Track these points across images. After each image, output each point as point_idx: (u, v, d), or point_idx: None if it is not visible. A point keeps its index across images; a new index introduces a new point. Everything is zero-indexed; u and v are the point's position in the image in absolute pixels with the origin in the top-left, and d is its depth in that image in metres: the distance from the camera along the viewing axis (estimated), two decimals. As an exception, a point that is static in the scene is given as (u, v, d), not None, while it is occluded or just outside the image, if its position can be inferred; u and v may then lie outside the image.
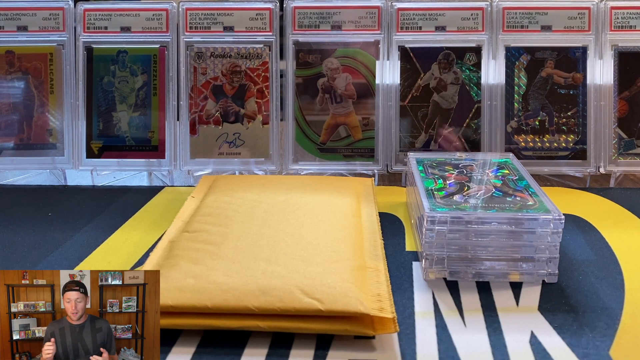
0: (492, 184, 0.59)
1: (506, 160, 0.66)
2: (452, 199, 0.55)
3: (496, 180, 0.60)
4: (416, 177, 0.61)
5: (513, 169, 0.63)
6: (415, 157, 0.68)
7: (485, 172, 0.62)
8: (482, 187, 0.58)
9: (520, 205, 0.54)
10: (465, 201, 0.55)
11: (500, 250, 0.53)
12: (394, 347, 0.44)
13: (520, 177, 0.61)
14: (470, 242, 0.52)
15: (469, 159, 0.67)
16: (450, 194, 0.56)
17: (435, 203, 0.54)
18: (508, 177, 0.61)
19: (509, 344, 0.45)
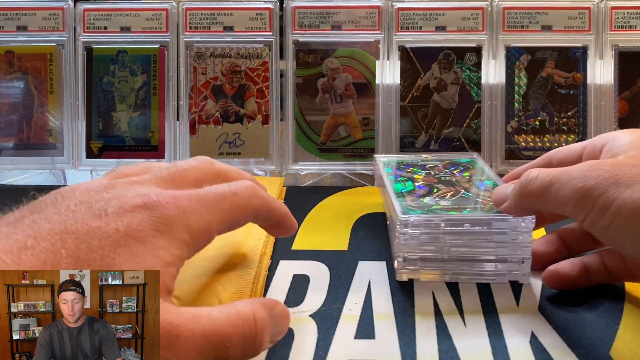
0: (461, 185, 0.58)
1: (471, 161, 0.66)
2: (423, 201, 0.55)
3: (464, 181, 0.60)
4: (385, 180, 0.61)
5: (479, 169, 0.63)
6: (382, 159, 0.67)
7: (452, 173, 0.62)
8: (452, 188, 0.58)
9: (490, 205, 0.53)
10: (436, 203, 0.54)
11: (473, 251, 0.52)
12: (394, 347, 0.44)
13: (487, 177, 0.60)
14: (443, 243, 0.52)
15: (435, 159, 0.67)
16: (421, 195, 0.56)
17: (407, 206, 0.54)
18: (475, 178, 0.60)
19: (509, 344, 0.45)
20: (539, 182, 0.46)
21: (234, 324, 0.36)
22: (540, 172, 0.46)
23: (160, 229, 0.36)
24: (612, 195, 0.41)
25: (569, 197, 0.43)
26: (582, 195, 0.42)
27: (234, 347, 0.36)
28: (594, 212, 0.42)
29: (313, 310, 0.49)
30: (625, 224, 0.41)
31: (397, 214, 0.52)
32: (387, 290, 0.52)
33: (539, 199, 0.46)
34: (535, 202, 0.47)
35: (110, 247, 0.34)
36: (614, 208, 0.41)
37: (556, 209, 0.45)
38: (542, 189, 0.45)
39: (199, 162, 0.45)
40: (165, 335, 0.33)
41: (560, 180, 0.44)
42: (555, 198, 0.44)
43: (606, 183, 0.42)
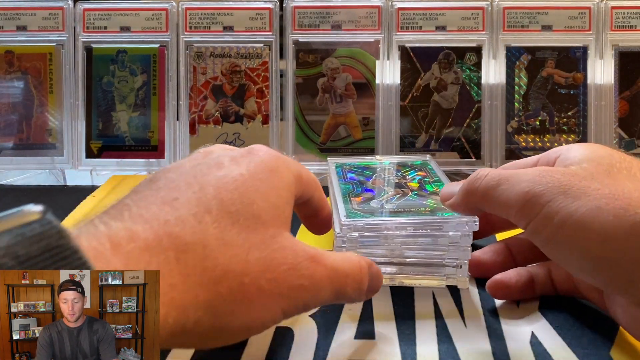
0: (409, 188, 0.58)
1: (424, 162, 0.65)
2: (369, 205, 0.54)
3: (413, 183, 0.59)
4: (333, 182, 0.60)
5: (430, 170, 0.62)
6: (334, 161, 0.66)
7: (402, 176, 0.61)
8: (400, 191, 0.57)
9: (435, 207, 0.53)
10: (381, 207, 0.54)
11: (413, 255, 0.52)
12: (394, 348, 0.44)
13: (437, 179, 0.60)
14: (384, 247, 0.52)
15: (388, 162, 0.66)
16: (368, 199, 0.55)
17: (352, 209, 0.53)
18: (424, 180, 0.60)
19: (509, 344, 0.45)
20: (486, 181, 0.44)
21: (350, 267, 0.40)
22: (490, 171, 0.45)
23: (273, 169, 0.40)
24: (557, 206, 0.40)
25: (514, 200, 0.42)
26: (528, 200, 0.41)
27: (349, 288, 0.40)
28: (538, 220, 0.41)
29: (313, 310, 0.49)
30: (568, 237, 0.40)
31: (340, 217, 0.51)
32: (387, 290, 0.52)
33: (484, 198, 0.45)
34: (480, 201, 0.45)
35: (244, 189, 0.38)
36: (558, 219, 0.40)
37: (500, 211, 0.44)
38: (489, 188, 0.44)
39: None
40: (306, 264, 0.37)
41: (508, 182, 0.43)
42: (501, 199, 0.43)
43: (554, 191, 0.40)
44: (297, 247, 0.38)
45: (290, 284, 0.37)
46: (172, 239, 0.33)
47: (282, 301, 0.37)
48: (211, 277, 0.34)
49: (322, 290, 0.39)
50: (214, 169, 0.38)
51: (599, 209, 0.39)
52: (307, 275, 0.37)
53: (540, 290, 0.49)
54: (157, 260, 0.32)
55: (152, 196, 0.36)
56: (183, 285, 0.33)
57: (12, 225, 0.29)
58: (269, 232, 0.37)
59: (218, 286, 0.34)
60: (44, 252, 0.29)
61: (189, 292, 0.33)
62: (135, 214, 0.34)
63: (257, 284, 0.35)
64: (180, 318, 0.33)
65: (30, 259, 0.28)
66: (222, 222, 0.35)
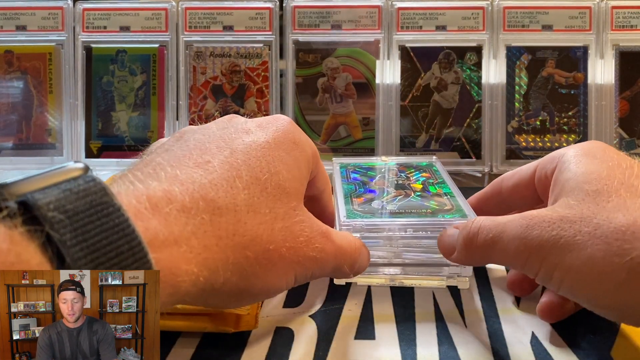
0: (412, 189, 0.57)
1: (429, 164, 0.65)
2: (370, 206, 0.54)
3: (416, 184, 0.59)
4: (336, 182, 0.60)
5: (435, 172, 0.62)
6: (339, 161, 0.66)
7: (406, 177, 0.61)
8: (402, 192, 0.57)
9: (436, 209, 0.52)
10: (382, 207, 0.54)
11: (415, 256, 0.52)
12: (394, 348, 0.44)
13: (441, 181, 0.59)
14: (385, 248, 0.51)
15: (393, 163, 0.66)
16: (369, 199, 0.55)
17: (353, 210, 0.53)
18: (428, 181, 0.59)
19: (509, 344, 0.45)
20: (482, 238, 0.43)
21: (349, 246, 0.44)
22: (481, 225, 0.43)
23: (296, 141, 0.42)
24: (553, 262, 0.39)
25: (514, 257, 0.41)
26: (527, 259, 0.41)
27: (346, 265, 0.44)
28: (541, 274, 0.40)
29: (313, 310, 0.49)
30: (571, 290, 0.40)
31: (340, 217, 0.51)
32: (387, 290, 0.52)
33: (486, 254, 0.44)
34: (482, 257, 0.45)
35: (271, 158, 0.40)
36: (557, 276, 0.39)
37: (506, 264, 0.46)
38: (487, 246, 0.43)
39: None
40: (319, 238, 0.41)
41: (502, 239, 0.42)
42: (502, 255, 0.42)
43: (547, 245, 0.40)
44: (312, 221, 0.41)
45: (304, 254, 0.40)
46: (207, 202, 0.35)
47: (297, 268, 0.39)
48: (241, 241, 0.36)
49: (327, 264, 0.42)
50: (241, 134, 0.41)
51: (593, 260, 0.38)
52: (319, 249, 0.40)
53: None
54: (193, 222, 0.34)
55: (185, 157, 0.38)
56: (216, 247, 0.35)
57: (58, 180, 0.30)
58: (291, 203, 0.40)
59: (246, 250, 0.36)
60: (89, 208, 0.30)
61: (221, 253, 0.35)
62: (171, 175, 0.36)
63: (279, 251, 0.38)
64: (211, 277, 0.35)
65: (77, 214, 0.29)
66: (251, 188, 0.38)
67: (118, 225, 0.30)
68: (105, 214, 0.30)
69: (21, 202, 0.28)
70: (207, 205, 0.35)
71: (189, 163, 0.37)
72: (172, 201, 0.34)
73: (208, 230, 0.35)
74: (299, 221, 0.40)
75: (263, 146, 0.40)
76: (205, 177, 0.36)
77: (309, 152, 0.44)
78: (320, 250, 0.41)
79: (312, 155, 0.44)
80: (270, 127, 0.42)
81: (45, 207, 0.28)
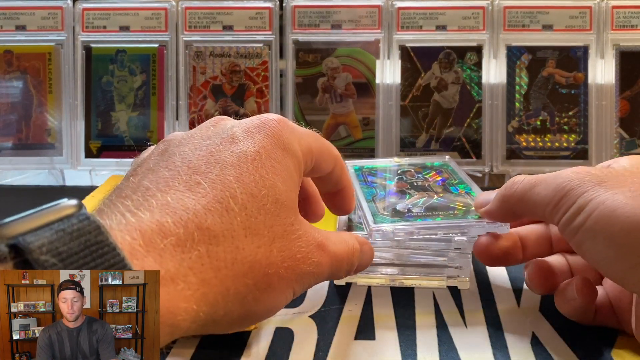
0: (433, 190, 0.57)
1: (444, 164, 0.64)
2: (396, 209, 0.53)
3: (436, 185, 0.58)
4: (355, 186, 0.59)
5: (452, 172, 0.61)
6: (352, 164, 0.65)
7: (425, 178, 0.60)
8: (424, 193, 0.56)
9: (464, 210, 0.52)
10: (408, 210, 0.53)
11: (417, 257, 0.52)
12: (394, 348, 0.44)
13: (460, 180, 0.59)
14: (393, 250, 0.52)
15: (407, 163, 0.65)
16: (393, 203, 0.55)
17: (380, 214, 0.52)
18: (448, 182, 0.59)
19: (510, 345, 0.45)
20: (523, 184, 0.45)
21: (346, 251, 0.43)
22: (526, 176, 0.45)
23: (286, 147, 0.40)
24: (591, 195, 0.40)
25: (551, 197, 0.42)
26: (564, 195, 0.41)
27: (342, 271, 0.43)
28: (571, 211, 0.41)
29: (313, 310, 0.49)
30: (595, 224, 0.40)
31: (369, 223, 0.51)
32: (387, 290, 0.52)
33: (521, 200, 0.45)
34: (517, 204, 0.45)
35: (264, 171, 0.37)
36: (589, 207, 0.40)
37: (536, 209, 0.44)
38: (526, 190, 0.44)
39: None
40: (315, 252, 0.39)
41: (545, 181, 0.43)
42: (538, 197, 0.43)
43: (590, 184, 0.41)
44: (308, 234, 0.39)
45: (302, 271, 0.38)
46: (202, 231, 0.34)
47: (295, 285, 0.39)
48: (240, 270, 0.35)
49: (323, 275, 0.41)
50: (228, 144, 0.38)
51: (630, 200, 0.39)
52: (316, 263, 0.39)
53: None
54: (189, 256, 0.33)
55: (173, 178, 0.36)
56: (215, 280, 0.33)
57: (51, 220, 0.29)
58: (289, 218, 0.38)
59: (246, 278, 0.35)
60: (84, 249, 0.29)
61: (220, 285, 0.34)
62: (162, 203, 0.34)
63: (278, 273, 0.37)
64: (212, 311, 0.33)
65: (70, 256, 0.28)
66: (248, 208, 0.36)
67: (114, 266, 0.29)
68: (100, 255, 0.29)
69: (12, 245, 0.28)
70: (203, 235, 0.34)
71: (179, 187, 0.35)
72: (166, 235, 0.32)
73: (205, 263, 0.33)
74: (296, 237, 0.38)
75: (254, 157, 0.38)
76: (198, 202, 0.34)
77: (299, 155, 0.41)
78: (317, 265, 0.40)
79: (303, 155, 0.42)
80: (258, 133, 0.39)
81: (37, 250, 0.28)
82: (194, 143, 0.39)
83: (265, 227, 0.36)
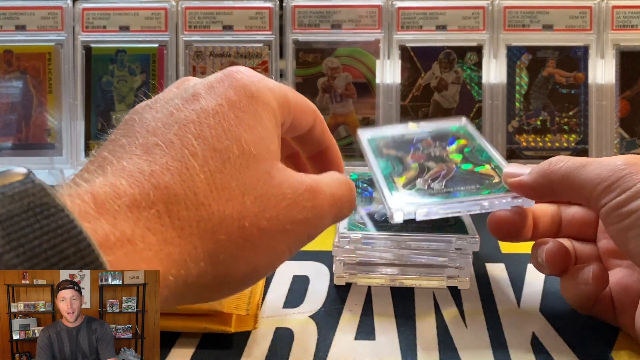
0: (453, 161, 0.55)
1: (460, 127, 0.61)
2: (415, 187, 0.51)
3: (455, 155, 0.56)
4: (370, 159, 0.56)
5: (469, 137, 0.59)
6: (365, 134, 0.62)
7: (442, 146, 0.58)
8: (443, 166, 0.54)
9: (486, 184, 0.50)
10: (428, 187, 0.51)
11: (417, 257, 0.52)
12: (394, 348, 0.44)
13: (479, 147, 0.57)
14: (393, 250, 0.51)
15: (422, 130, 0.62)
16: (411, 178, 0.52)
17: (398, 192, 0.50)
18: (466, 150, 0.56)
19: (510, 345, 0.45)
20: (571, 162, 0.43)
21: (344, 188, 0.40)
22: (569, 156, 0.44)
23: (253, 95, 0.37)
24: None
25: (605, 177, 0.41)
26: (622, 176, 0.40)
27: (345, 209, 0.40)
28: (628, 194, 0.40)
29: (313, 310, 0.49)
30: None
31: (389, 203, 0.49)
32: (387, 290, 0.52)
33: (565, 178, 0.43)
34: (559, 181, 0.44)
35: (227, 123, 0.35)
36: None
37: (581, 190, 0.42)
38: (573, 168, 0.43)
39: None
40: (306, 195, 0.36)
41: (600, 162, 0.42)
42: (587, 177, 0.42)
43: None
44: (293, 179, 0.36)
45: (292, 219, 0.35)
46: (160, 191, 0.32)
47: (286, 237, 0.36)
48: (207, 226, 0.32)
49: (324, 219, 0.38)
50: (189, 102, 0.36)
51: None
52: (310, 207, 0.36)
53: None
54: (146, 215, 0.31)
55: (131, 144, 0.34)
56: (179, 239, 0.31)
57: None
58: (261, 167, 0.35)
59: (216, 234, 0.33)
60: (26, 210, 0.28)
61: (186, 244, 0.32)
62: (117, 168, 0.32)
63: (257, 225, 0.34)
64: (181, 273, 0.31)
65: (11, 217, 0.27)
66: (210, 163, 0.33)
67: (61, 227, 0.27)
68: (45, 216, 0.28)
69: None
70: (161, 194, 0.31)
71: (136, 151, 0.33)
72: (120, 196, 0.31)
73: (166, 223, 0.31)
74: (276, 185, 0.35)
75: (216, 111, 0.35)
76: (155, 163, 0.32)
77: (272, 103, 0.38)
78: (311, 209, 0.36)
79: (279, 103, 0.39)
80: (221, 85, 0.37)
81: None
82: (155, 107, 0.37)
83: (232, 179, 0.34)
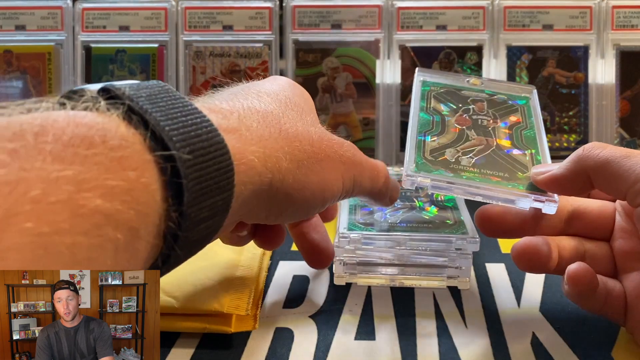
0: (496, 138, 0.50)
1: (523, 101, 0.56)
2: (443, 154, 0.48)
3: (501, 129, 0.52)
4: (413, 107, 0.53)
5: (527, 115, 0.54)
6: (424, 76, 0.57)
7: (494, 116, 0.53)
8: (483, 139, 0.50)
9: (514, 176, 0.47)
10: (456, 160, 0.48)
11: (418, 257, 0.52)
12: (394, 348, 0.44)
13: (531, 127, 0.52)
14: (393, 250, 0.51)
15: (486, 89, 0.57)
16: (442, 146, 0.49)
17: (422, 159, 0.47)
18: (516, 129, 0.51)
19: (510, 344, 0.45)
20: (610, 150, 0.42)
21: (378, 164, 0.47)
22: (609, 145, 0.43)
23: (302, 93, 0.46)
24: None
25: None
26: None
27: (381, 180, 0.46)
28: None
29: (313, 310, 0.49)
30: None
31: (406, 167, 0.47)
32: (387, 290, 0.52)
33: (604, 166, 0.41)
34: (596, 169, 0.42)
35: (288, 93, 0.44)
36: None
37: (621, 180, 0.41)
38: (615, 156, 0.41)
39: None
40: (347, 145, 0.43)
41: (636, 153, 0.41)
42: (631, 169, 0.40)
43: None
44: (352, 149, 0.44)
45: (342, 155, 0.42)
46: (257, 111, 0.39)
47: (341, 167, 0.42)
48: (288, 135, 0.39)
49: (364, 170, 0.44)
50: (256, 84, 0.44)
51: None
52: (352, 152, 0.43)
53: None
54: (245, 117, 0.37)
55: (219, 96, 0.41)
56: (270, 138, 0.38)
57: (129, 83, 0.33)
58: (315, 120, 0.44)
59: (295, 141, 0.39)
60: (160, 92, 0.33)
61: (275, 143, 0.38)
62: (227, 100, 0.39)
63: (321, 148, 0.41)
64: (274, 165, 0.37)
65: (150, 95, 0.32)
66: (281, 105, 0.41)
67: (186, 105, 0.33)
68: (174, 97, 0.33)
69: (101, 89, 0.31)
70: (256, 110, 0.39)
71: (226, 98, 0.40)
72: (231, 112, 0.37)
73: (261, 124, 0.38)
74: (326, 131, 0.43)
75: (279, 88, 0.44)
76: (243, 100, 0.40)
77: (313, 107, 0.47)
78: (353, 154, 0.43)
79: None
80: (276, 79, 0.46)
81: (121, 89, 0.31)
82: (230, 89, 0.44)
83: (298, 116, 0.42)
